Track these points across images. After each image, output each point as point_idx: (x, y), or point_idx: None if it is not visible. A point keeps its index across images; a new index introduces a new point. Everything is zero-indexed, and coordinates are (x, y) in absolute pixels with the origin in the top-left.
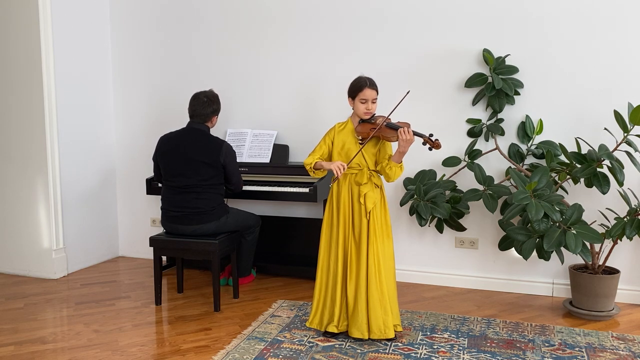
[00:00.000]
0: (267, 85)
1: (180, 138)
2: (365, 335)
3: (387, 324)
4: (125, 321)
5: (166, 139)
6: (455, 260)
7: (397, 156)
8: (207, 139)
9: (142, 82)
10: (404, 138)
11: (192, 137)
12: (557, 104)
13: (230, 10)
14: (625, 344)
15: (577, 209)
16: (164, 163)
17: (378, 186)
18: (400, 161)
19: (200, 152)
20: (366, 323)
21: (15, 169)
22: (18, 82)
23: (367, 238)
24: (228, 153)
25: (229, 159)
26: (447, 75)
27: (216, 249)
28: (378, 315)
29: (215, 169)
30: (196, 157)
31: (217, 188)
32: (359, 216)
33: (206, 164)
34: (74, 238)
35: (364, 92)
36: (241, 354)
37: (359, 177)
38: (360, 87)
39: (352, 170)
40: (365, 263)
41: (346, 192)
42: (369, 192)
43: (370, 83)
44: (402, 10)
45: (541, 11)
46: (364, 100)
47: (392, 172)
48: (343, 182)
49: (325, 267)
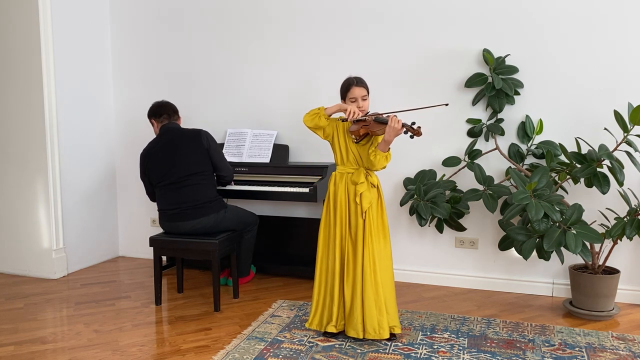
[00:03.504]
0: (267, 85)
1: (159, 142)
2: (360, 334)
3: (381, 324)
4: (125, 321)
5: (146, 151)
6: (455, 260)
7: (382, 144)
8: (184, 131)
9: (142, 82)
10: (391, 125)
11: (170, 135)
12: (557, 104)
13: (230, 10)
14: (625, 344)
15: (577, 209)
16: (153, 170)
17: (374, 186)
18: (385, 150)
19: (182, 143)
20: (361, 322)
21: (15, 169)
22: (18, 82)
23: (362, 238)
24: (208, 137)
25: (212, 142)
26: (447, 75)
27: (216, 249)
28: (373, 316)
29: (201, 156)
30: (181, 150)
31: (208, 178)
32: (355, 216)
33: (191, 151)
34: (74, 238)
35: (352, 91)
36: (241, 354)
37: (355, 177)
38: (348, 86)
39: (349, 168)
40: (361, 263)
41: (343, 192)
42: (365, 192)
43: (357, 81)
44: (402, 10)
45: (541, 11)
46: (353, 99)
47: (377, 160)
48: (340, 181)
49: (324, 268)
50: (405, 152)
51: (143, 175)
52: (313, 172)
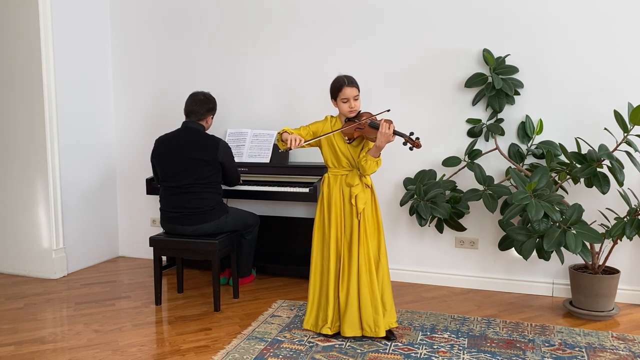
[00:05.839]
0: (267, 85)
1: (176, 138)
2: (359, 332)
3: (377, 323)
4: (125, 321)
5: (162, 141)
6: (455, 260)
7: (373, 150)
8: (203, 138)
9: (142, 82)
10: (382, 131)
11: (188, 136)
12: (557, 104)
13: (229, 11)
14: (625, 344)
15: (577, 209)
16: (161, 165)
17: (368, 186)
18: (377, 155)
19: (197, 150)
20: (358, 320)
21: (15, 169)
22: (18, 82)
23: (358, 238)
24: (225, 151)
25: (227, 157)
26: (447, 75)
27: (216, 249)
28: (369, 314)
29: (213, 168)
30: (193, 156)
31: (215, 187)
32: (350, 217)
33: (204, 162)
34: (74, 238)
35: (344, 91)
36: (241, 354)
37: (350, 179)
38: (340, 87)
39: (342, 171)
40: (356, 262)
41: (338, 193)
42: (360, 194)
43: (349, 81)
44: (402, 9)
45: (541, 11)
46: (345, 100)
47: (367, 165)
48: (334, 183)
49: (319, 269)
50: (405, 152)
51: (152, 158)
52: (313, 172)
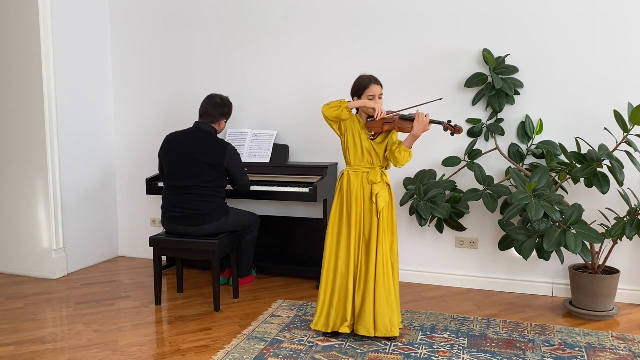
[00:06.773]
0: (267, 85)
1: (185, 138)
2: (372, 332)
3: (393, 322)
4: (125, 321)
5: (171, 138)
6: (455, 260)
7: (409, 140)
8: (212, 141)
9: (142, 82)
10: (419, 120)
11: (197, 137)
12: (557, 104)
13: (229, 11)
14: (625, 344)
15: (577, 209)
16: (167, 162)
17: (388, 184)
18: (411, 146)
19: (204, 153)
20: (372, 321)
21: (15, 169)
22: (18, 83)
23: (377, 237)
24: (232, 156)
25: (234, 162)
26: (447, 75)
27: (216, 249)
28: (385, 314)
29: (218, 172)
30: (200, 159)
31: (218, 190)
32: (370, 215)
33: (210, 166)
34: (74, 238)
35: (371, 88)
36: (241, 354)
37: (372, 176)
38: (367, 85)
39: (363, 168)
40: (374, 261)
41: (359, 191)
42: (381, 192)
43: (375, 80)
44: (402, 9)
45: (541, 11)
46: (371, 97)
47: (402, 156)
48: (355, 179)
49: (333, 268)
50: None
51: (160, 154)
52: (313, 172)
